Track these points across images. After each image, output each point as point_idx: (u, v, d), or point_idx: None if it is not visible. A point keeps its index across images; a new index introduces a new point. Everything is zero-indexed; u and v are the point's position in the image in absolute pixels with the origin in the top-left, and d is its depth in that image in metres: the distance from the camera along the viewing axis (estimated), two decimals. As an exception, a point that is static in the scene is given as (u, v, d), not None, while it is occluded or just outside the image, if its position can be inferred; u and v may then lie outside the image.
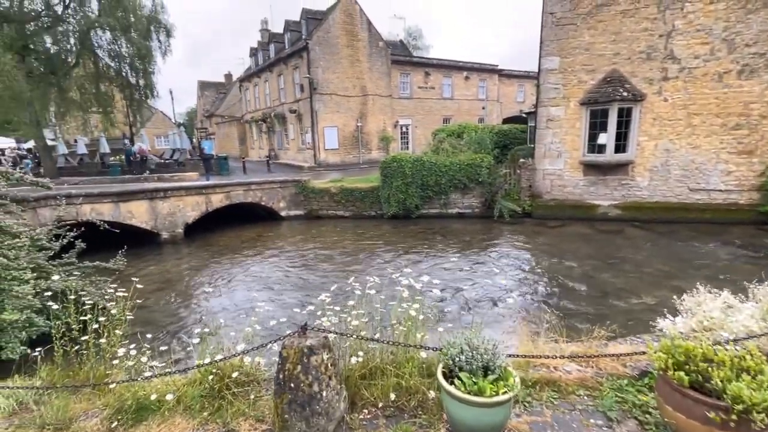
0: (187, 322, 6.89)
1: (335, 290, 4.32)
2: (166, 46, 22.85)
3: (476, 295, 7.58)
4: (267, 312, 4.58)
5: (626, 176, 12.89)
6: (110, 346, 3.70)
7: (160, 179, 18.64)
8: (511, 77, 38.95)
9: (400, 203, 14.25)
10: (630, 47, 12.29)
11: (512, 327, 6.12)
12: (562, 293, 7.61)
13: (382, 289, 4.27)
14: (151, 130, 42.38)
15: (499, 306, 7.14)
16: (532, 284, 8.21)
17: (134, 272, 10.05)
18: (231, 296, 8.19)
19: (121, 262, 7.52)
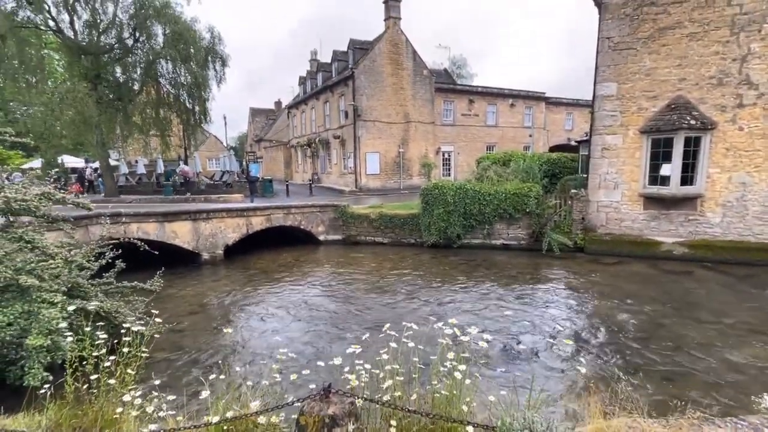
0: (211, 354, 6.56)
1: (367, 336, 3.80)
2: (221, 74, 24.03)
3: (526, 343, 6.76)
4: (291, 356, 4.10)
5: (694, 211, 11.61)
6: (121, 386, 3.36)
7: (207, 200, 19.15)
8: (559, 104, 37.78)
9: (440, 232, 13.62)
10: (698, 72, 11.27)
11: (572, 385, 5.29)
12: (626, 344, 6.63)
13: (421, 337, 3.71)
14: (204, 153, 44.53)
15: (554, 358, 6.29)
16: (590, 331, 7.26)
17: (174, 293, 10.04)
18: (258, 328, 7.83)
19: (158, 284, 7.44)
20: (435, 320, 3.72)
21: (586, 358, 6.21)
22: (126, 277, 7.39)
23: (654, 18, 11.61)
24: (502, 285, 9.90)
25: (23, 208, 4.80)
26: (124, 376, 3.41)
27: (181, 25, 21.23)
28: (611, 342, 6.73)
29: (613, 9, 12.00)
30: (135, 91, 22.84)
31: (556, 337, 6.97)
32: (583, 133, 26.02)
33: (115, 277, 7.25)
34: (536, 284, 10.03)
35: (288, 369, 5.52)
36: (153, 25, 21.48)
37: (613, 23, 12.03)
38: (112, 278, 7.10)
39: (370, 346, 5.54)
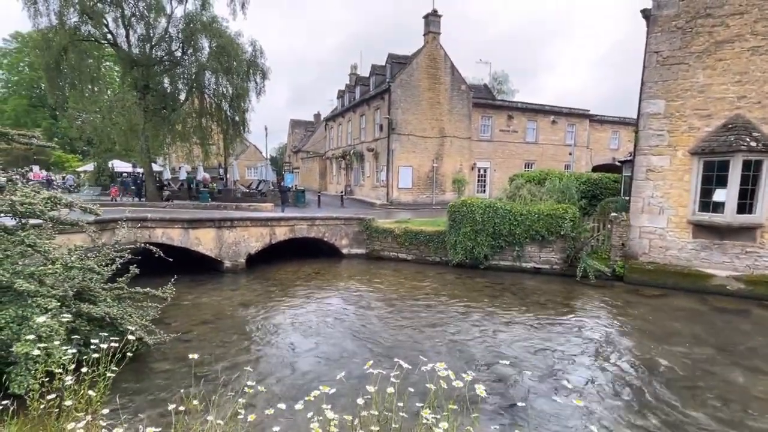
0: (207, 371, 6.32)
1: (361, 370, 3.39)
2: (261, 86, 24.70)
3: (550, 387, 6.08)
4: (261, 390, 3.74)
5: (753, 243, 10.39)
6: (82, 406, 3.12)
7: (238, 208, 19.46)
8: (603, 122, 36.10)
9: (467, 251, 12.99)
10: (761, 90, 10.20)
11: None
12: (669, 395, 5.78)
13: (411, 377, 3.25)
14: (244, 162, 45.97)
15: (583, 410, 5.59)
16: (627, 377, 6.42)
17: (191, 300, 10.02)
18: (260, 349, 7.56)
19: (170, 291, 7.37)
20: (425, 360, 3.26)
21: (621, 408, 5.46)
22: (148, 282, 7.37)
23: (710, 31, 10.68)
24: (529, 314, 9.16)
25: (28, 211, 4.82)
26: (86, 396, 3.16)
27: (226, 38, 22.06)
28: (652, 392, 5.90)
29: (663, 21, 11.16)
30: (180, 100, 23.89)
31: (586, 381, 6.23)
32: (628, 152, 24.55)
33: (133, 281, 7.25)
34: (566, 315, 9.21)
35: (271, 400, 5.20)
36: (200, 39, 22.46)
37: (663, 36, 11.17)
38: (124, 283, 7.10)
39: (361, 381, 5.12)
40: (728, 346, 7.51)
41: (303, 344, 7.38)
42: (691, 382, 6.19)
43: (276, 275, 12.56)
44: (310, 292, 10.76)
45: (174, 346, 7.00)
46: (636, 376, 6.38)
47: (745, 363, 6.83)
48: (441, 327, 8.31)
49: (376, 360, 6.59)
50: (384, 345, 7.38)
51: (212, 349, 7.08)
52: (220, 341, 7.50)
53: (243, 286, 11.49)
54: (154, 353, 6.73)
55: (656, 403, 5.60)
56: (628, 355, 7.22)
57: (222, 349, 7.14)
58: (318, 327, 8.24)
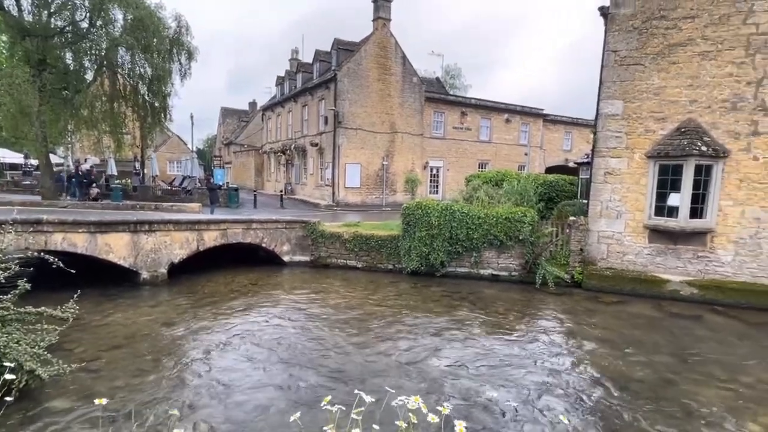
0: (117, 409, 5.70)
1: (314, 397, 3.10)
2: (186, 68, 23.40)
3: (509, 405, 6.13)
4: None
5: (704, 247, 11.33)
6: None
7: (158, 208, 18.19)
8: (557, 123, 38.19)
9: (422, 258, 13.02)
10: (710, 94, 11.14)
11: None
12: (630, 408, 6.05)
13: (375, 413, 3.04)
14: (165, 154, 43.39)
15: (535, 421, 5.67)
16: (586, 390, 6.66)
17: (98, 320, 9.12)
18: (182, 378, 7.00)
19: (71, 310, 6.59)
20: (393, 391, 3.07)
21: (580, 424, 5.61)
22: (44, 299, 6.55)
23: (664, 33, 11.50)
24: (489, 326, 9.30)
25: None
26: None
27: (144, 10, 20.58)
28: (610, 406, 6.14)
29: (621, 20, 11.88)
30: (86, 80, 21.93)
31: (545, 395, 6.37)
32: (582, 154, 26.11)
33: (23, 299, 6.40)
34: (526, 326, 9.48)
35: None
36: (112, 9, 20.75)
37: (621, 36, 11.89)
38: (10, 302, 6.24)
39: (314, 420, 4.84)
40: (685, 353, 8.06)
41: (239, 372, 6.90)
42: (653, 392, 6.53)
43: (205, 287, 11.81)
44: (246, 307, 10.20)
45: (77, 378, 6.26)
46: (599, 388, 6.63)
47: (701, 371, 7.35)
48: (398, 344, 8.18)
49: (328, 387, 6.31)
50: (337, 370, 7.10)
51: (125, 381, 6.41)
52: (135, 370, 6.82)
53: (164, 301, 10.67)
54: (49, 388, 5.97)
55: (620, 416, 5.82)
56: (593, 364, 7.51)
57: (138, 379, 6.49)
58: (257, 350, 7.78)
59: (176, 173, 39.43)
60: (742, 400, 6.33)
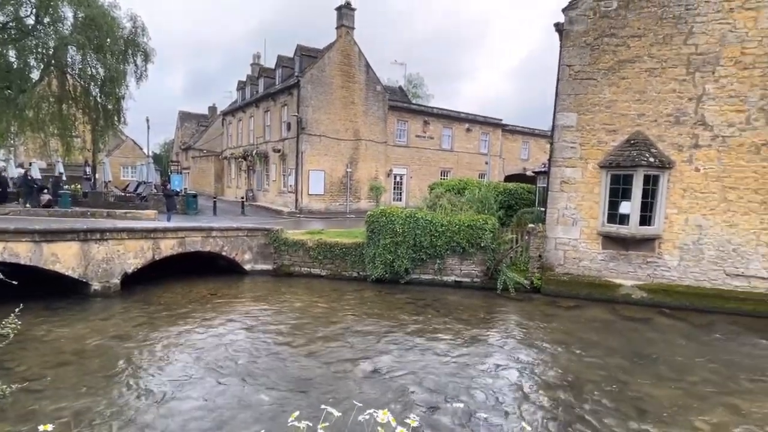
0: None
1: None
2: (142, 70, 22.55)
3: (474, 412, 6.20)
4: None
5: (652, 253, 11.94)
6: None
7: (111, 215, 17.34)
8: (515, 133, 39.42)
9: (387, 265, 13.03)
10: (656, 109, 11.81)
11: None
12: (588, 410, 6.25)
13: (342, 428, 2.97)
14: (118, 159, 41.52)
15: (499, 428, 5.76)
16: (546, 393, 6.84)
17: (42, 335, 8.54)
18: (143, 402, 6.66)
19: (12, 325, 6.11)
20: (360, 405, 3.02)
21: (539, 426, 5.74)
22: None
23: (614, 50, 12.12)
24: (453, 332, 9.40)
25: None
26: None
27: (96, 9, 19.70)
28: (568, 408, 6.33)
29: (575, 37, 12.42)
30: (32, 80, 20.68)
31: (506, 399, 6.48)
32: (539, 163, 27.04)
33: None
34: (488, 332, 9.65)
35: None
36: (61, 6, 19.74)
37: (575, 51, 12.42)
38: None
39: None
40: (636, 355, 8.43)
41: (199, 388, 6.62)
42: (608, 393, 6.78)
43: (161, 298, 11.31)
44: (205, 319, 9.83)
45: (18, 399, 5.80)
46: (558, 391, 6.82)
47: (651, 371, 7.70)
48: (364, 354, 8.10)
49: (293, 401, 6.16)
50: (302, 383, 6.95)
51: (73, 401, 6.01)
52: (84, 389, 6.41)
53: (117, 313, 10.12)
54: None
55: (583, 413, 6.00)
56: (552, 368, 7.72)
57: (87, 399, 6.10)
58: (217, 364, 7.49)
59: (131, 179, 37.77)
60: (689, 398, 6.67)
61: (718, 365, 7.98)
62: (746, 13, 10.94)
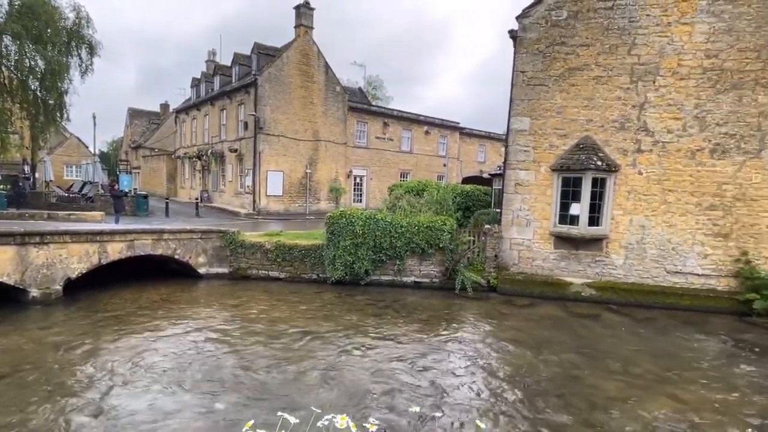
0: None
1: None
2: (88, 63, 21.40)
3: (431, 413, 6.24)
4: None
5: (600, 252, 12.52)
6: None
7: (52, 217, 16.26)
8: (472, 136, 40.30)
9: (347, 267, 12.94)
10: (603, 115, 12.39)
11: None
12: (541, 405, 6.44)
13: None
14: (61, 157, 39.02)
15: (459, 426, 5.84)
16: (501, 389, 7.00)
17: (-29, 347, 7.82)
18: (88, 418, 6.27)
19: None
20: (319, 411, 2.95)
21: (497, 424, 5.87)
22: None
23: (564, 58, 12.61)
24: (412, 333, 9.45)
25: None
26: None
27: (34, -3, 18.45)
28: (523, 403, 6.51)
29: (528, 44, 12.82)
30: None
31: (465, 398, 6.58)
32: (495, 166, 27.77)
33: None
34: (446, 332, 9.76)
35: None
36: (-6, -8, 18.37)
37: (528, 57, 12.83)
38: None
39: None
40: (587, 350, 8.79)
41: (149, 399, 6.29)
42: (562, 389, 7.02)
43: (108, 305, 10.68)
44: (155, 326, 9.37)
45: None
46: (517, 388, 6.99)
47: (601, 365, 8.06)
48: (323, 358, 7.98)
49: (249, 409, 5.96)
50: (259, 390, 6.74)
51: (8, 419, 5.54)
52: (21, 404, 5.92)
53: (59, 321, 9.47)
54: None
55: (538, 409, 6.18)
56: (508, 366, 7.92)
57: (22, 416, 5.65)
58: (168, 372, 7.15)
59: (75, 178, 35.60)
60: (634, 390, 7.02)
61: (658, 357, 8.45)
62: (682, 27, 11.70)
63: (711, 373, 7.80)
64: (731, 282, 11.73)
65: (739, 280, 11.60)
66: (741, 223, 11.69)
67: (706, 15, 11.51)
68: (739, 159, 11.62)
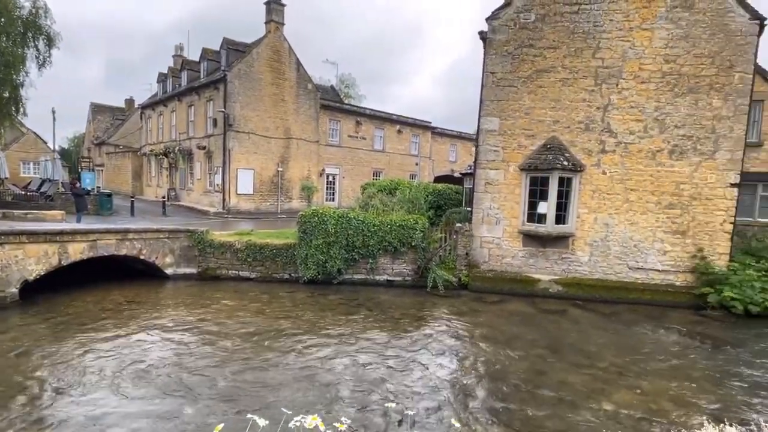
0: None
1: None
2: (46, 56, 20.37)
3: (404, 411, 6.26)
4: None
5: (567, 250, 12.86)
6: None
7: (8, 216, 15.44)
8: (443, 135, 40.65)
9: (319, 266, 12.82)
10: (569, 116, 12.72)
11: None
12: (511, 399, 6.57)
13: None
14: (17, 154, 37.09)
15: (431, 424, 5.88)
16: (473, 385, 7.10)
17: None
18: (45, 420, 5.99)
19: None
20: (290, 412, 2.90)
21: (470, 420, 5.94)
22: None
23: (532, 60, 12.87)
24: (385, 331, 9.45)
25: None
26: None
27: (-14, -16, 17.45)
28: (494, 398, 6.62)
29: (497, 45, 13.02)
30: None
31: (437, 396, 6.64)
32: (466, 165, 28.10)
33: None
34: (419, 329, 9.81)
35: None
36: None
37: (497, 59, 13.02)
38: None
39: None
40: (554, 344, 9.03)
41: (113, 404, 6.05)
42: (531, 384, 7.17)
43: (69, 307, 10.22)
44: (119, 328, 9.02)
45: None
46: (484, 382, 7.10)
47: (567, 359, 8.28)
48: (293, 359, 7.88)
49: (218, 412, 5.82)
50: (228, 392, 6.59)
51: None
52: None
53: (15, 326, 9.00)
54: None
55: (510, 403, 6.29)
56: (480, 362, 8.02)
57: (-25, 426, 5.33)
58: (133, 377, 6.90)
59: (33, 176, 33.86)
60: (599, 383, 7.25)
61: (621, 350, 8.77)
62: (643, 32, 12.14)
63: (669, 365, 8.14)
64: (688, 277, 12.28)
65: (695, 275, 12.16)
66: (697, 221, 12.24)
67: (665, 21, 11.98)
68: (695, 160, 12.16)
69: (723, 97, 11.86)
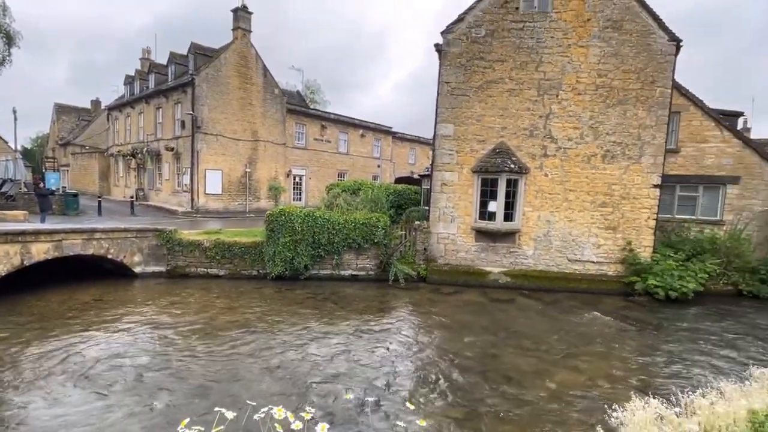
0: None
1: None
2: (5, 54, 18.94)
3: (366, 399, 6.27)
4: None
5: (514, 244, 13.27)
6: None
7: (-35, 218, 14.19)
8: (404, 140, 40.92)
9: (287, 262, 12.60)
10: (515, 123, 13.11)
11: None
12: (464, 381, 6.72)
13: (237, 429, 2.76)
14: (-24, 154, 34.19)
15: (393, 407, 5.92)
16: (431, 371, 7.19)
17: None
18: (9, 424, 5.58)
19: None
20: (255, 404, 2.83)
21: (427, 409, 6.02)
22: None
23: (483, 71, 13.16)
24: (349, 322, 9.42)
25: None
26: None
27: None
28: (450, 382, 6.74)
29: (451, 57, 13.22)
30: None
31: (398, 378, 6.68)
32: (424, 167, 28.42)
33: None
34: (381, 320, 9.83)
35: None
36: None
37: (451, 70, 13.23)
38: None
39: None
40: (504, 331, 9.29)
41: (80, 403, 5.71)
42: (483, 366, 7.36)
43: (34, 308, 9.54)
44: (86, 328, 8.51)
45: None
46: (441, 367, 7.21)
47: (515, 344, 8.55)
48: (260, 352, 7.70)
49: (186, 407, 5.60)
50: (196, 387, 6.36)
51: None
52: (-74, 420, 5.12)
53: (-27, 329, 8.29)
54: None
55: (462, 384, 6.42)
56: (434, 349, 8.14)
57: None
58: (101, 376, 6.53)
59: (-8, 176, 31.33)
60: (543, 364, 7.53)
61: (562, 335, 9.14)
62: (580, 49, 12.67)
63: (603, 346, 8.57)
64: (619, 267, 12.96)
65: (624, 265, 12.85)
66: (626, 218, 12.93)
67: (598, 40, 12.56)
68: (624, 164, 12.83)
69: (647, 109, 12.58)
